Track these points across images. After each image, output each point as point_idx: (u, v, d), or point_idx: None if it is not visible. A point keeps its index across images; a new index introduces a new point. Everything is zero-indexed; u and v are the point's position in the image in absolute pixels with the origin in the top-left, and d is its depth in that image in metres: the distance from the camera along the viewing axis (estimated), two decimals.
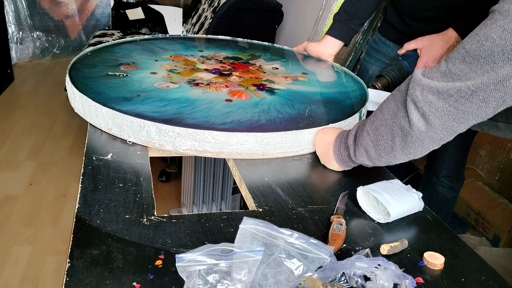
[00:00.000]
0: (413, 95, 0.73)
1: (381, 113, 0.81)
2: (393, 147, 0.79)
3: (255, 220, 0.56)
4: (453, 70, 0.69)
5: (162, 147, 0.93)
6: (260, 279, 0.55)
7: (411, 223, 0.81)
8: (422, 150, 0.77)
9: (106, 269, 0.62)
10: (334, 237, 0.72)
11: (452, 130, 0.72)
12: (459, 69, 0.68)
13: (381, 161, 0.84)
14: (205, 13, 2.94)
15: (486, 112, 0.69)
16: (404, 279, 0.61)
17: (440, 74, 0.71)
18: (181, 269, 0.54)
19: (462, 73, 0.68)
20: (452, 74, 0.69)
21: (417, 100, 0.72)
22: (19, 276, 1.74)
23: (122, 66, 1.21)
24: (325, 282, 0.59)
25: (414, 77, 0.74)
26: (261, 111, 1.03)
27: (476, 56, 0.66)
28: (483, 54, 0.65)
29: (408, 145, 0.77)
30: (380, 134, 0.80)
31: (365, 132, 0.84)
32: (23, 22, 3.96)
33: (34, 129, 2.91)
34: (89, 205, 0.76)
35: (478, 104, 0.67)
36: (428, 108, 0.71)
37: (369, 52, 1.56)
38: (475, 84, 0.66)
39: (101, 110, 0.96)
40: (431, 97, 0.70)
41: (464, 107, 0.69)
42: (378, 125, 0.81)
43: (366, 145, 0.84)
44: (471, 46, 0.67)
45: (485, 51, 0.65)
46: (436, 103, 0.70)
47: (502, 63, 0.64)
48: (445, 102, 0.69)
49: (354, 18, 1.41)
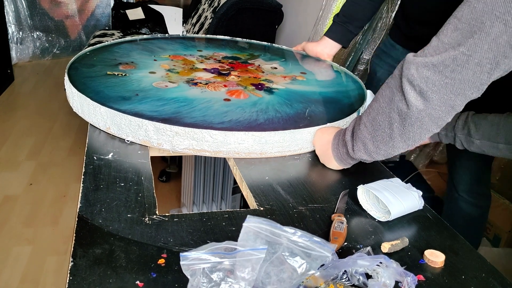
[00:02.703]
0: (409, 75, 0.73)
1: (376, 102, 0.81)
2: (391, 135, 0.79)
3: (258, 219, 0.56)
4: (445, 40, 0.70)
5: (160, 146, 0.93)
6: (263, 277, 0.55)
7: (412, 221, 0.81)
8: (421, 133, 0.76)
9: (109, 268, 0.62)
10: (335, 235, 0.72)
11: (450, 105, 0.72)
12: (451, 37, 0.70)
13: (380, 154, 0.83)
14: (205, 13, 2.94)
15: (481, 79, 0.69)
16: (405, 277, 0.62)
17: (433, 49, 0.72)
18: (186, 267, 0.54)
19: (454, 40, 0.69)
20: (444, 44, 0.70)
21: (413, 78, 0.72)
22: (19, 276, 1.74)
23: (121, 66, 1.22)
24: (327, 280, 0.60)
25: (406, 59, 0.75)
26: (259, 111, 1.03)
27: (468, 20, 0.67)
28: (474, 16, 0.67)
29: (407, 129, 0.76)
30: (377, 124, 0.80)
31: (362, 125, 0.84)
32: (23, 22, 3.95)
33: (34, 129, 2.91)
34: (91, 204, 0.76)
35: (473, 70, 0.68)
36: (425, 84, 0.71)
37: (379, 55, 1.56)
38: (469, 48, 0.67)
39: (100, 109, 0.96)
40: (427, 72, 0.71)
41: (461, 75, 0.69)
42: (374, 115, 0.81)
43: (364, 138, 0.83)
44: (463, 12, 0.68)
45: (477, 13, 0.66)
46: (433, 77, 0.71)
47: (490, 22, 0.65)
48: (441, 74, 0.70)
49: (354, 21, 1.41)
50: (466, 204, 1.47)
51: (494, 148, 0.93)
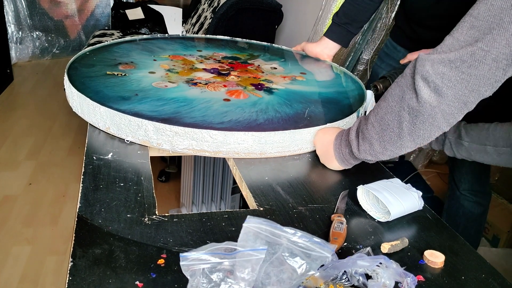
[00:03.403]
0: (423, 71, 0.74)
1: (385, 102, 0.81)
2: (400, 134, 0.79)
3: (258, 219, 0.56)
4: (460, 38, 0.71)
5: (160, 146, 0.93)
6: (263, 277, 0.55)
7: (411, 221, 0.81)
8: (431, 130, 0.77)
9: (109, 268, 0.62)
10: (335, 235, 0.72)
11: (463, 101, 0.73)
12: (468, 34, 0.70)
13: (386, 154, 0.83)
14: (205, 13, 2.94)
15: (495, 75, 0.70)
16: (405, 277, 0.62)
17: (447, 47, 0.73)
18: (185, 268, 0.54)
19: (471, 37, 0.70)
20: (460, 42, 0.71)
21: (428, 75, 0.73)
22: (18, 276, 1.74)
23: (120, 66, 1.22)
24: (327, 280, 0.60)
25: (420, 57, 0.75)
26: (259, 111, 1.03)
27: (485, 17, 0.68)
28: (492, 13, 0.68)
29: (418, 127, 0.77)
30: (386, 123, 0.80)
31: (369, 124, 0.83)
32: (23, 22, 3.95)
33: (34, 129, 2.91)
34: (91, 204, 0.76)
35: (489, 65, 0.69)
36: (441, 80, 0.72)
37: (381, 57, 1.56)
38: (487, 43, 0.68)
39: (99, 109, 0.96)
40: (443, 68, 0.72)
41: (477, 71, 0.70)
42: (383, 114, 0.81)
43: (371, 138, 0.83)
44: (480, 10, 0.69)
45: (495, 10, 0.67)
46: (449, 73, 0.71)
47: (509, 18, 0.66)
48: (457, 70, 0.71)
49: (353, 22, 1.41)
50: (468, 202, 1.49)
51: (482, 152, 0.95)
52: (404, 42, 1.44)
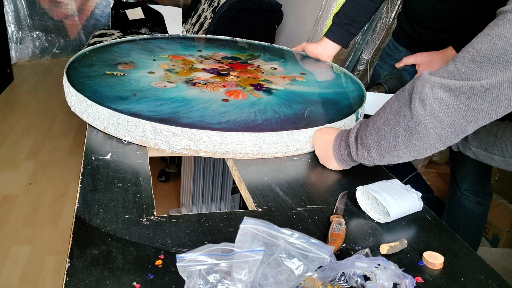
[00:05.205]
0: (422, 93, 0.73)
1: (384, 113, 0.81)
2: (396, 146, 0.79)
3: (255, 220, 0.56)
4: (462, 69, 0.70)
5: (157, 146, 0.93)
6: (260, 279, 0.55)
7: (411, 223, 0.81)
8: (427, 148, 0.76)
9: (106, 269, 0.62)
10: (333, 236, 0.72)
11: (460, 129, 0.72)
12: (469, 68, 0.69)
13: (383, 161, 0.84)
14: (205, 13, 2.93)
15: (496, 112, 0.69)
16: (404, 279, 0.61)
17: (448, 74, 0.72)
18: (182, 269, 0.54)
19: (472, 72, 0.69)
20: (461, 73, 0.70)
21: (426, 97, 0.72)
22: (18, 275, 1.74)
23: (120, 66, 1.21)
24: (325, 282, 0.60)
25: (422, 76, 0.75)
26: (257, 111, 1.03)
27: (488, 55, 0.67)
28: (495, 53, 0.66)
29: (413, 143, 0.76)
30: (383, 134, 0.80)
31: (368, 132, 0.84)
32: (23, 21, 3.95)
33: (34, 129, 2.91)
34: (89, 205, 0.76)
35: (490, 102, 0.68)
36: (438, 105, 0.71)
37: (383, 57, 1.56)
38: (489, 82, 0.67)
39: (97, 109, 0.96)
40: (442, 94, 0.71)
41: (476, 104, 0.69)
42: (380, 125, 0.81)
43: (368, 145, 0.83)
44: (482, 45, 0.68)
45: (498, 50, 0.66)
46: (447, 99, 0.71)
47: None
48: (456, 99, 0.70)
49: (354, 23, 1.40)
50: (469, 202, 1.48)
51: (489, 158, 0.95)
52: (406, 42, 1.44)
